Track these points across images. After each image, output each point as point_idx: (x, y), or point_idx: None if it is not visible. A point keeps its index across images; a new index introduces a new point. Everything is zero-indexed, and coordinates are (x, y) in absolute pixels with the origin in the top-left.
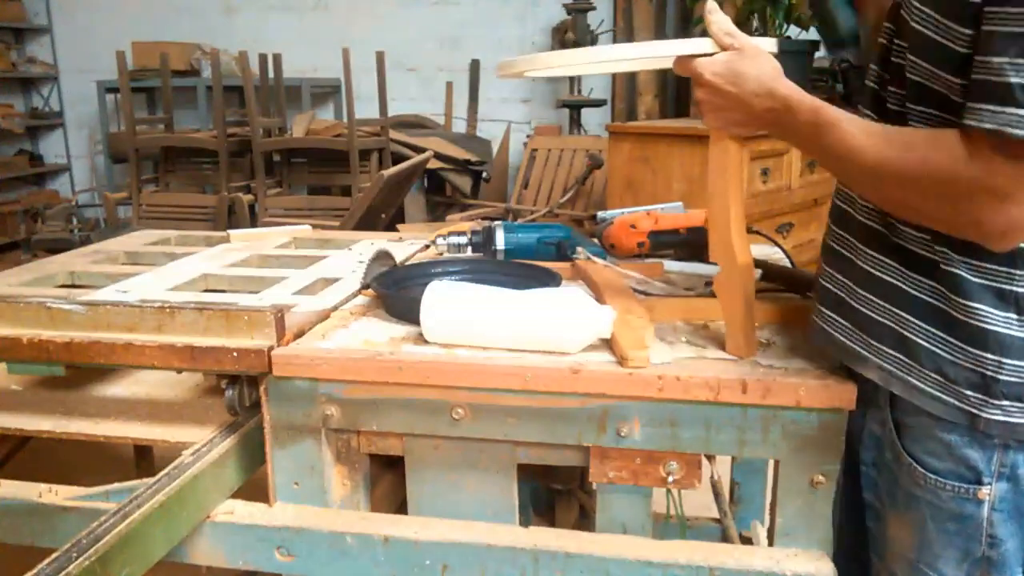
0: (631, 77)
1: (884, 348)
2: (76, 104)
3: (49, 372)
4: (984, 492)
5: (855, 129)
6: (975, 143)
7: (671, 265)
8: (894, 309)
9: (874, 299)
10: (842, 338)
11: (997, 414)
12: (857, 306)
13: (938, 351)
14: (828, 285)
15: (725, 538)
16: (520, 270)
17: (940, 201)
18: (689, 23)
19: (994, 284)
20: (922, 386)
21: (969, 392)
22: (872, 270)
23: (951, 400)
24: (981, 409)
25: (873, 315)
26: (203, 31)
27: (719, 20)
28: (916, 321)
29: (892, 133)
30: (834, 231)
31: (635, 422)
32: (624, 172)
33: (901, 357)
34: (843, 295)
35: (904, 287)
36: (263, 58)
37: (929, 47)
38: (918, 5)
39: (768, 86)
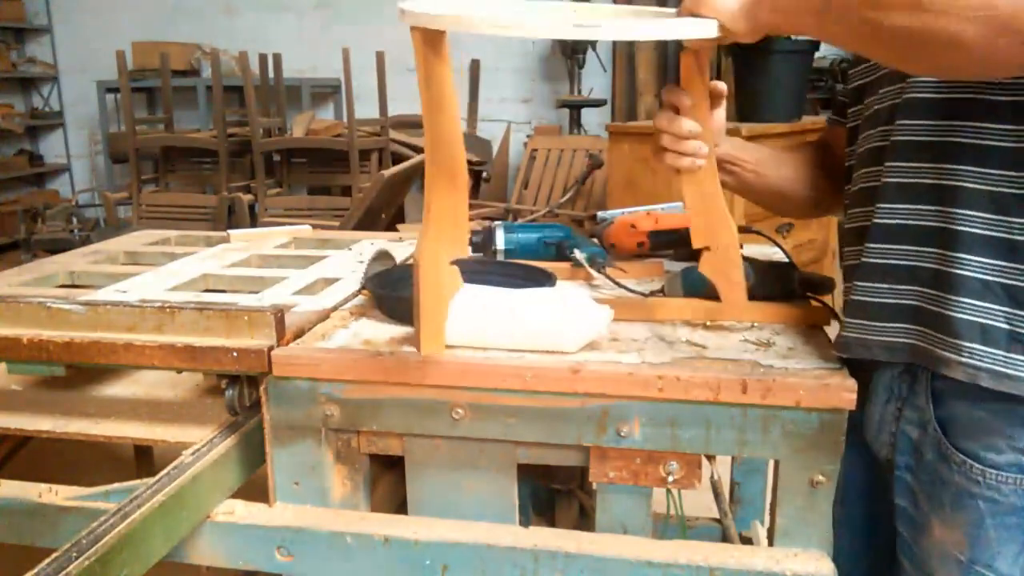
0: (631, 77)
1: (967, 344)
2: (76, 104)
3: (49, 372)
4: None
5: None
6: None
7: (671, 265)
8: (974, 302)
9: (954, 298)
10: (925, 345)
11: None
12: (936, 309)
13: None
14: (891, 300)
15: (725, 538)
16: (520, 270)
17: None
18: None
19: None
20: (1010, 372)
21: None
22: (944, 268)
23: None
24: None
25: (955, 314)
26: (203, 31)
27: None
28: (995, 307)
29: None
30: (882, 249)
31: (635, 422)
32: (624, 172)
33: (986, 348)
34: (917, 303)
35: (979, 276)
36: (263, 58)
37: None
38: None
39: None
